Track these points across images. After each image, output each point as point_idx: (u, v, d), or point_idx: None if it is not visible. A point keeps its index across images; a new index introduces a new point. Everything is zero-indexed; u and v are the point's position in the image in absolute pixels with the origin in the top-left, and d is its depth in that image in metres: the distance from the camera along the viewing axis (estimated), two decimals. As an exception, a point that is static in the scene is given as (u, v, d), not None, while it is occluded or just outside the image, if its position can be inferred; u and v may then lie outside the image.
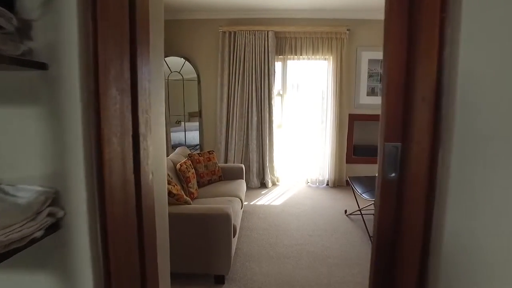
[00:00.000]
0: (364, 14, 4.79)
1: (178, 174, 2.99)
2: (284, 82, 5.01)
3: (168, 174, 2.52)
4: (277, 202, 4.32)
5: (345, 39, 4.79)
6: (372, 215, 3.74)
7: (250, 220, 3.68)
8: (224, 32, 4.81)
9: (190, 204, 2.44)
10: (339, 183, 5.12)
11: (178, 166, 2.98)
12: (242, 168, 3.88)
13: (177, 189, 2.45)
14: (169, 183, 2.40)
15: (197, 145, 5.38)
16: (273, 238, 3.25)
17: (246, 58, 4.80)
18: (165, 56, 4.88)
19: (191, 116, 5.39)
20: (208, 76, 5.05)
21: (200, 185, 3.48)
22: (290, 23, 4.82)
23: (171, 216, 2.12)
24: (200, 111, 5.18)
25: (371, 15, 4.80)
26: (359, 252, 2.98)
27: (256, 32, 4.75)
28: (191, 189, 3.02)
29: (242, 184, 3.64)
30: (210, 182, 3.59)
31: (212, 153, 3.74)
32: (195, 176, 3.29)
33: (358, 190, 3.49)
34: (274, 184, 5.10)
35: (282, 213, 3.91)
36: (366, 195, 3.30)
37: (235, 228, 2.48)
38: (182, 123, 5.46)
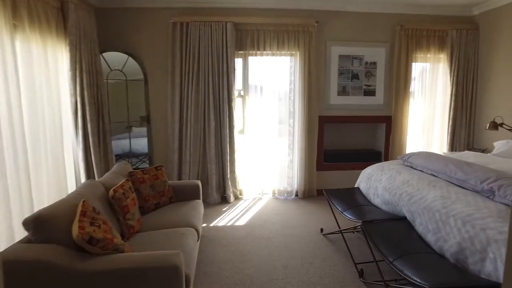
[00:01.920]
0: (334, 4, 4.30)
1: (111, 203, 2.25)
2: (245, 81, 4.39)
3: (93, 209, 1.79)
4: (242, 222, 3.68)
5: (314, 33, 4.27)
6: (352, 232, 3.24)
7: (209, 249, 3.01)
8: (175, 24, 4.09)
9: (123, 251, 1.73)
10: (310, 193, 4.60)
11: (111, 192, 2.25)
12: (198, 186, 3.19)
13: (104, 229, 1.73)
14: (92, 223, 1.68)
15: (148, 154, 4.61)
16: (239, 274, 2.61)
17: (202, 54, 4.12)
18: (103, 51, 4.05)
19: (144, 121, 4.59)
20: (157, 75, 4.29)
21: (144, 211, 2.76)
22: (251, 14, 4.20)
23: (89, 275, 1.44)
24: (148, 116, 4.41)
25: (342, 6, 4.33)
26: (347, 286, 2.44)
27: (212, 23, 4.08)
28: (129, 222, 2.29)
29: (198, 206, 2.96)
30: (157, 206, 2.88)
31: (160, 169, 3.02)
32: (137, 201, 2.56)
33: (338, 207, 2.95)
34: (237, 197, 4.46)
35: (248, 237, 3.28)
36: (348, 214, 2.76)
37: (188, 279, 1.81)
38: (134, 128, 4.68)
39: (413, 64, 4.51)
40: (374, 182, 3.10)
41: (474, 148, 4.44)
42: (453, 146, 4.64)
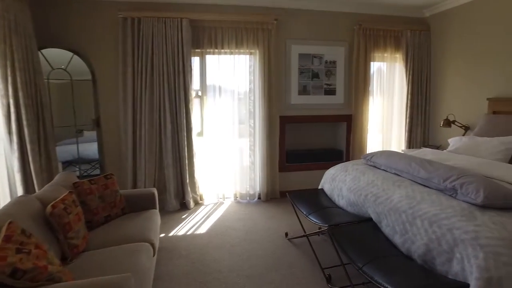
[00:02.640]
0: (293, 2, 4.22)
1: (49, 221, 1.95)
2: (203, 81, 4.17)
3: (22, 231, 1.51)
4: (203, 229, 3.47)
5: (273, 31, 4.16)
6: (317, 235, 3.15)
7: (168, 262, 2.77)
8: (125, 19, 3.78)
9: (59, 280, 1.47)
10: (272, 195, 4.49)
11: (49, 208, 1.95)
12: (153, 194, 2.94)
13: (36, 256, 1.45)
14: (19, 250, 1.41)
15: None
16: (201, 289, 2.42)
17: (156, 52, 3.85)
18: (42, 47, 3.64)
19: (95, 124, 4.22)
20: (107, 74, 3.95)
21: (93, 226, 2.46)
22: (208, 10, 4.01)
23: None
24: (97, 119, 4.05)
25: (301, 4, 4.26)
26: (314, 296, 2.33)
27: (166, 19, 3.82)
28: (72, 241, 2.01)
29: (154, 217, 2.71)
30: (108, 219, 2.59)
31: (111, 178, 2.74)
32: (82, 216, 2.27)
33: (303, 210, 2.85)
34: (197, 203, 4.23)
35: (209, 245, 3.08)
36: (314, 217, 2.66)
37: (142, 305, 1.59)
38: (86, 132, 4.30)
39: (372, 63, 4.55)
40: (339, 183, 3.04)
41: (429, 145, 4.57)
42: (410, 144, 4.75)
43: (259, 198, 4.46)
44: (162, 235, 3.29)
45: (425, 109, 4.74)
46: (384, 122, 4.80)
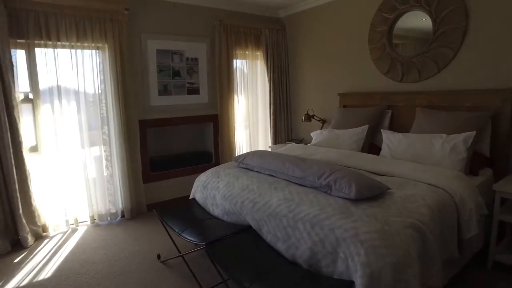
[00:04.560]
0: (144, -10, 3.73)
1: None
2: (34, 81, 3.26)
3: None
4: (47, 272, 2.69)
5: (124, 22, 3.58)
6: (197, 250, 2.82)
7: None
8: None
9: None
10: (139, 211, 3.93)
11: None
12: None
13: None
14: None
15: None
16: None
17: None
18: None
19: None
20: None
21: None
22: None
23: None
24: None
25: (154, -7, 3.81)
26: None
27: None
28: None
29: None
30: None
31: None
32: None
33: (175, 228, 2.48)
34: (38, 237, 3.32)
35: (58, 293, 2.39)
36: (188, 234, 2.32)
37: None
38: None
39: (234, 60, 4.47)
40: (211, 190, 2.78)
41: (293, 139, 4.82)
42: (276, 139, 4.91)
43: (123, 216, 3.84)
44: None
45: (287, 105, 4.97)
46: (250, 119, 4.82)
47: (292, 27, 4.78)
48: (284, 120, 4.95)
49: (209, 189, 2.82)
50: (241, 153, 4.77)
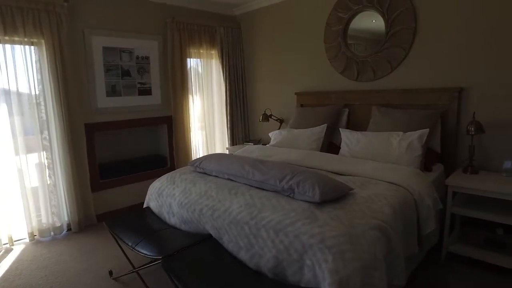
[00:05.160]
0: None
1: None
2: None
3: None
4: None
5: (64, 16, 3.24)
6: (153, 265, 2.61)
7: None
8: None
9: None
10: (87, 222, 3.61)
11: None
12: None
13: None
14: None
15: None
16: None
17: None
18: None
19: None
20: None
21: None
22: None
23: None
24: None
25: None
26: None
27: None
28: None
29: None
30: None
31: None
32: None
33: (128, 241, 2.26)
34: (-34, 259, 2.90)
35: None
36: (142, 248, 2.12)
37: None
38: None
39: (188, 59, 4.27)
40: (167, 198, 2.59)
41: (251, 140, 4.72)
42: (233, 140, 4.79)
43: (69, 229, 3.50)
44: None
45: (244, 105, 4.86)
46: (206, 120, 4.65)
47: (248, 26, 4.68)
48: (241, 120, 4.84)
49: (164, 196, 2.63)
50: (198, 156, 4.59)
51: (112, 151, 4.05)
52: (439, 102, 2.99)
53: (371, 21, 3.39)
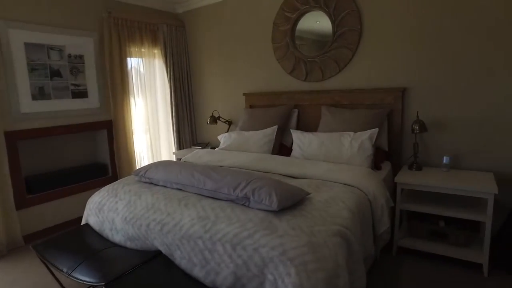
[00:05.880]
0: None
1: None
2: None
3: None
4: None
5: (-28, 6, 2.78)
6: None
7: None
8: None
9: None
10: (13, 245, 3.15)
11: None
12: None
13: None
14: None
15: None
16: None
17: None
18: None
19: None
20: None
21: None
22: None
23: None
24: None
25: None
26: None
27: None
28: None
29: None
30: None
31: None
32: None
33: (62, 267, 1.96)
34: None
35: None
36: (80, 273, 1.85)
37: None
38: None
39: (129, 59, 3.94)
40: (109, 213, 2.31)
41: (199, 143, 4.51)
42: (180, 144, 4.54)
43: (-11, 254, 3.02)
44: None
45: (190, 107, 4.64)
46: (151, 124, 4.35)
47: (192, 24, 4.47)
48: (188, 123, 4.61)
49: (105, 211, 2.35)
50: (142, 162, 4.28)
51: (43, 161, 3.59)
52: (385, 102, 3.07)
53: (315, 23, 3.39)
